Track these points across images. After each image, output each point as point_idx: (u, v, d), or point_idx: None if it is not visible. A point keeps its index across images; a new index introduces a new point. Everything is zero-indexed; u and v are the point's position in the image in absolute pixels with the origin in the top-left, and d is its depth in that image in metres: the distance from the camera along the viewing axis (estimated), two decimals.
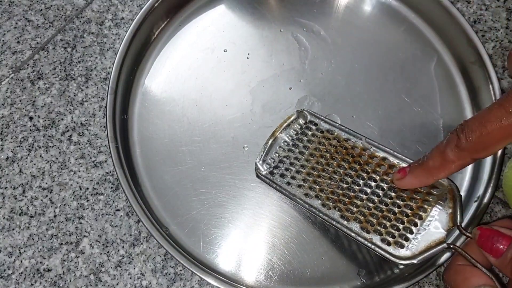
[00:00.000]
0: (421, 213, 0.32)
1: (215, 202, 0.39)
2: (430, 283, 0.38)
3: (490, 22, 0.45)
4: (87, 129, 0.42)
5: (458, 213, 0.32)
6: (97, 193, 0.40)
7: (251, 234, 0.38)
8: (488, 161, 0.39)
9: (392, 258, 0.32)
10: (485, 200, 0.37)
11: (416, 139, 0.40)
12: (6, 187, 0.41)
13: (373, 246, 0.32)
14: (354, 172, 0.35)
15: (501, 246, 0.27)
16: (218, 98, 0.42)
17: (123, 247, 0.39)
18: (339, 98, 0.42)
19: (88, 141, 0.42)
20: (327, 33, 0.44)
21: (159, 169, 0.40)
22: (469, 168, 0.40)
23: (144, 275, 0.38)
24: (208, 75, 0.43)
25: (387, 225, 0.33)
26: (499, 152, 0.38)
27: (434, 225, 0.32)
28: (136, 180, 0.39)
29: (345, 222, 0.33)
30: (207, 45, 0.44)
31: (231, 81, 0.43)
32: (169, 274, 0.38)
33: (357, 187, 0.35)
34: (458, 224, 0.31)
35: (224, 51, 0.44)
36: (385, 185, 0.34)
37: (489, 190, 0.37)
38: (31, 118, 0.43)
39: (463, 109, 0.42)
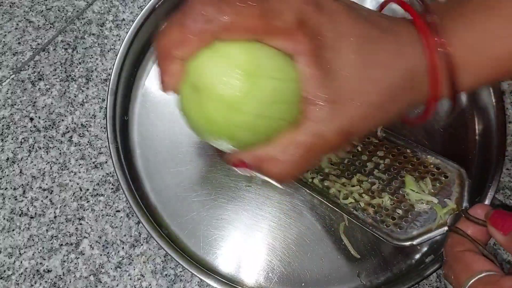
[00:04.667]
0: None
1: (215, 203, 0.39)
2: (430, 285, 0.38)
3: None
4: (87, 130, 0.42)
5: (465, 198, 0.32)
6: (97, 194, 0.40)
7: (251, 235, 0.38)
8: (489, 163, 0.39)
9: (390, 239, 0.32)
10: (486, 201, 0.37)
11: (415, 136, 0.40)
12: (6, 188, 0.41)
13: (371, 227, 0.32)
14: (363, 158, 0.35)
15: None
16: None
17: (123, 248, 0.39)
18: None
19: (88, 142, 0.42)
20: None
21: (159, 170, 0.40)
22: (472, 170, 0.40)
23: (144, 276, 0.38)
24: None
25: (389, 208, 0.33)
26: (497, 154, 0.38)
27: (438, 208, 0.32)
28: (136, 181, 0.39)
29: (346, 202, 0.34)
30: None
31: None
32: (169, 276, 0.38)
33: (366, 168, 0.35)
34: (463, 208, 0.31)
35: None
36: (393, 169, 0.34)
37: (490, 192, 0.37)
38: (31, 119, 0.43)
39: (463, 110, 0.41)
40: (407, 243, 0.31)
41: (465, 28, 0.25)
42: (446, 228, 0.31)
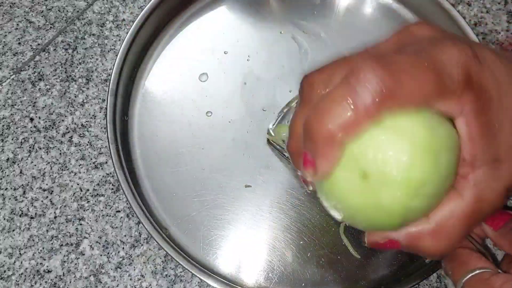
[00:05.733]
0: None
1: (215, 203, 0.39)
2: (431, 285, 0.38)
3: (491, 25, 0.45)
4: (87, 131, 0.42)
5: None
6: (97, 194, 0.40)
7: (251, 235, 0.38)
8: None
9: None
10: None
11: None
12: (6, 188, 0.41)
13: None
14: None
15: (502, 220, 0.26)
16: (218, 100, 0.42)
17: (123, 248, 0.39)
18: None
19: (88, 142, 0.42)
20: (328, 35, 0.44)
21: (159, 171, 0.40)
22: None
23: (144, 277, 0.38)
24: (209, 77, 0.43)
25: None
26: None
27: None
28: (136, 182, 0.39)
29: None
30: (208, 46, 0.44)
31: (231, 83, 0.43)
32: (169, 276, 0.38)
33: None
34: None
35: (224, 53, 0.44)
36: None
37: None
38: (31, 119, 0.43)
39: None
40: None
41: None
42: None
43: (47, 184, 0.41)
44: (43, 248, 0.39)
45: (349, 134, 0.20)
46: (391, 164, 0.20)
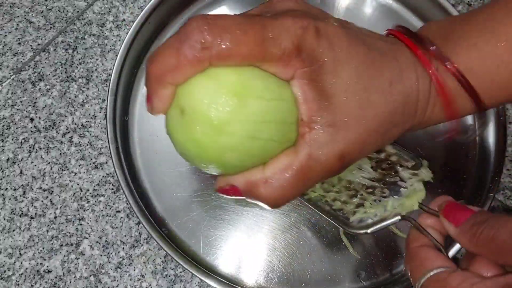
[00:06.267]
0: (385, 188, 0.33)
1: (215, 203, 0.39)
2: None
3: None
4: (87, 131, 0.42)
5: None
6: (97, 194, 0.40)
7: (251, 235, 0.38)
8: (490, 163, 0.39)
9: (346, 227, 0.32)
10: (486, 202, 0.37)
11: (415, 142, 0.40)
12: (6, 188, 0.41)
13: (328, 215, 0.32)
14: None
15: (463, 217, 0.26)
16: None
17: (123, 248, 0.39)
18: None
19: (88, 142, 0.42)
20: None
21: (159, 171, 0.40)
22: (472, 170, 0.40)
23: (144, 277, 0.38)
24: None
25: (349, 196, 0.33)
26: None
27: (393, 199, 0.32)
28: (136, 182, 0.39)
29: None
30: None
31: None
32: (169, 276, 0.38)
33: None
34: (420, 201, 0.31)
35: None
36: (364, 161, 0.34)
37: (490, 193, 0.37)
38: (32, 120, 0.43)
39: None
40: (362, 231, 0.31)
41: (468, 53, 0.25)
42: (399, 217, 0.31)
43: (47, 184, 0.41)
44: (43, 248, 0.39)
45: (175, 78, 0.23)
46: (199, 101, 0.22)
